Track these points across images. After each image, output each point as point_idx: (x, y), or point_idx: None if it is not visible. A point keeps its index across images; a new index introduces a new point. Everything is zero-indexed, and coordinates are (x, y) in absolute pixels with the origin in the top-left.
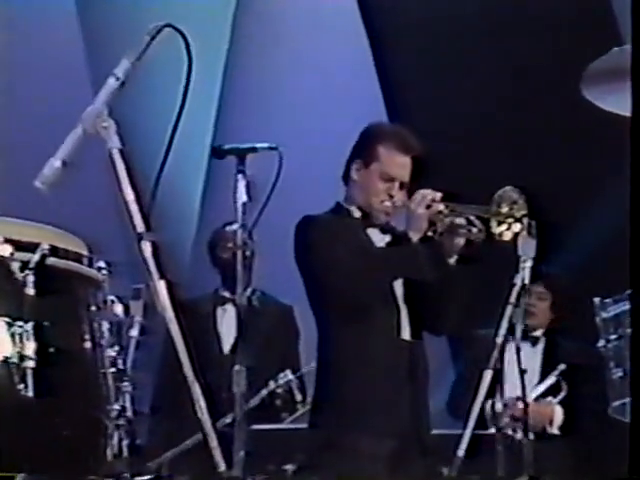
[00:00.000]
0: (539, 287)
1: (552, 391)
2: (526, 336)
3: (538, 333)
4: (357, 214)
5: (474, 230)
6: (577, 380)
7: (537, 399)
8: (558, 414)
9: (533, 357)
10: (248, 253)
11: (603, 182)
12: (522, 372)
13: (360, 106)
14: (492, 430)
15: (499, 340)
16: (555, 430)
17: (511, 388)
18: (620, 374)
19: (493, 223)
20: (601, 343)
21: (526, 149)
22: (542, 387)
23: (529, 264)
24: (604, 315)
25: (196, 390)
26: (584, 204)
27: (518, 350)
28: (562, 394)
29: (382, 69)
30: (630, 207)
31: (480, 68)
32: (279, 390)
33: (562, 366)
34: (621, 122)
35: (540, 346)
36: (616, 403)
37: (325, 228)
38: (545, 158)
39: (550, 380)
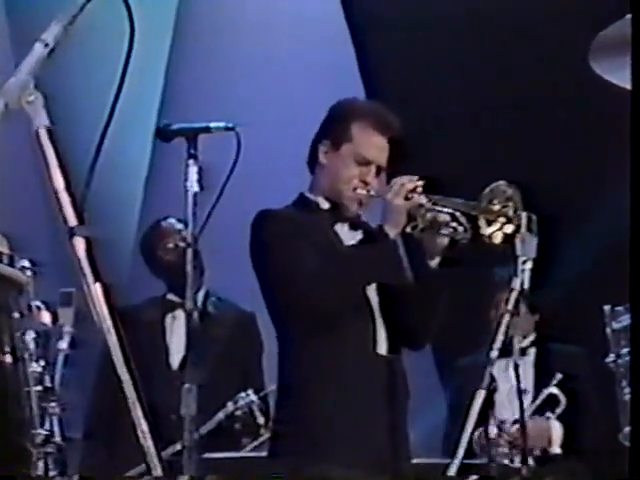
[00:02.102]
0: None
1: (549, 405)
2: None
3: (525, 342)
4: (325, 205)
5: (460, 229)
6: (577, 390)
7: (532, 416)
8: (557, 431)
9: (523, 370)
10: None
11: (608, 178)
12: (520, 392)
13: (332, 82)
14: (484, 459)
15: (494, 355)
16: (556, 449)
17: (503, 410)
18: None
19: (482, 222)
20: (611, 358)
21: (524, 135)
22: (537, 402)
23: (529, 266)
24: (615, 325)
25: (138, 412)
26: (587, 202)
27: (516, 367)
28: (561, 407)
29: (360, 41)
30: (631, 206)
31: (473, 44)
32: (239, 413)
33: (559, 376)
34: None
35: (530, 357)
36: (628, 429)
37: (286, 224)
38: (546, 147)
39: (545, 393)
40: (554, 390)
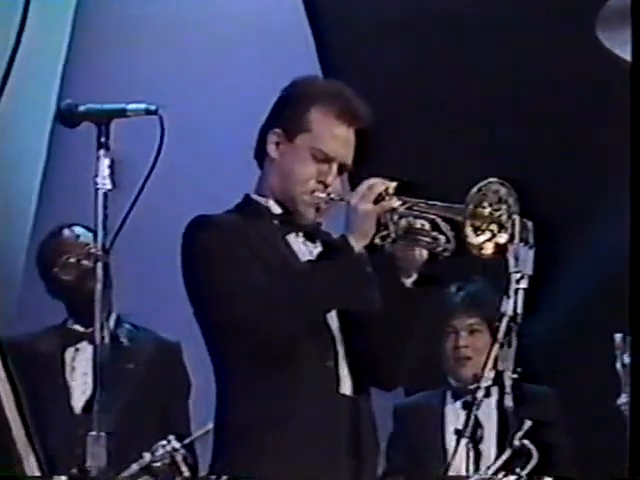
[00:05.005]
0: (469, 317)
1: (518, 459)
2: (466, 392)
3: (486, 382)
4: (276, 210)
5: (441, 239)
6: (551, 440)
7: (497, 473)
8: None
9: (485, 415)
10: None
11: (610, 177)
12: (512, 441)
13: (283, 57)
14: None
15: (480, 395)
16: None
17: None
18: None
19: (469, 230)
20: (623, 399)
21: (517, 129)
22: (503, 457)
23: (524, 284)
24: (627, 359)
25: (31, 464)
26: (590, 207)
27: (504, 408)
28: (532, 462)
29: (314, 8)
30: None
31: (460, 20)
32: (158, 464)
33: (528, 424)
34: None
35: (493, 399)
36: None
37: (228, 234)
38: (542, 141)
39: (514, 444)
40: (524, 441)
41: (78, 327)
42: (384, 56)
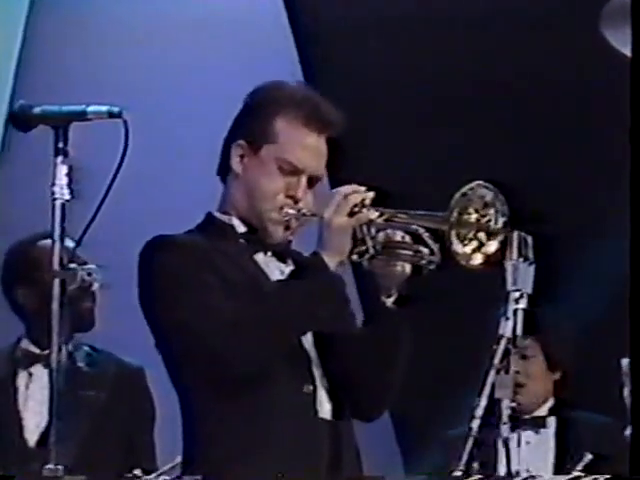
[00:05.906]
0: (522, 340)
1: None
2: (523, 421)
3: (542, 412)
4: (240, 229)
5: (424, 251)
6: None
7: None
8: None
9: (540, 448)
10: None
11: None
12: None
13: (261, 63)
14: None
15: (475, 425)
16: None
17: None
18: None
19: (454, 239)
20: (629, 430)
21: (506, 127)
22: None
23: (523, 304)
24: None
25: None
26: (588, 211)
27: (506, 445)
28: None
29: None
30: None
31: (451, 18)
32: None
33: (588, 456)
34: None
35: (550, 430)
36: None
37: (189, 255)
38: (534, 142)
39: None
40: (581, 475)
41: (33, 348)
42: (366, 58)
